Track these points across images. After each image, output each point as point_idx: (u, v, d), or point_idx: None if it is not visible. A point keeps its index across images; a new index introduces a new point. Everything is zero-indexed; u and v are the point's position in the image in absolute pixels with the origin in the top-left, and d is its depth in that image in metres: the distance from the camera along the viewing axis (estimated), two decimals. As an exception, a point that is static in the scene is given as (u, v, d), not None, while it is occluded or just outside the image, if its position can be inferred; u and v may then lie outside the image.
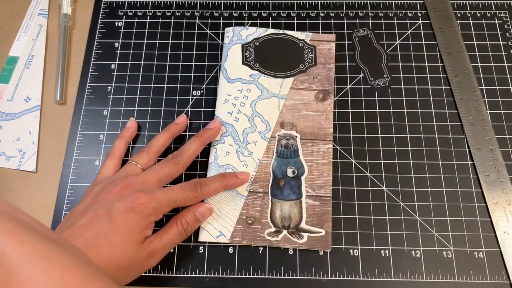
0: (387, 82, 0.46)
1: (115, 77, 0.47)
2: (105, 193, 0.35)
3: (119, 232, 0.33)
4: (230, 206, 0.41)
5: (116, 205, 0.34)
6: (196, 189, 0.37)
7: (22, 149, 0.44)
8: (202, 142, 0.41)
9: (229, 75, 0.46)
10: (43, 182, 0.43)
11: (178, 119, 0.44)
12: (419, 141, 0.44)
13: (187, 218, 0.37)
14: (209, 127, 0.42)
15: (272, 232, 0.40)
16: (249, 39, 0.48)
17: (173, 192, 0.36)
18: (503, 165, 0.42)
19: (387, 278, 0.38)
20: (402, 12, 0.50)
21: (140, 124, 0.45)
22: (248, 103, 0.45)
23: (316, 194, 0.41)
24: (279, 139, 0.43)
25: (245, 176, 0.41)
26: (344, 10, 0.50)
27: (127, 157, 0.43)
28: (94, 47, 0.49)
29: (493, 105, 0.45)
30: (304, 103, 0.45)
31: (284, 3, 0.51)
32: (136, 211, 0.33)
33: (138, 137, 0.45)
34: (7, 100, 0.46)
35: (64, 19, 0.49)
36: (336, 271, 0.39)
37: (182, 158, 0.39)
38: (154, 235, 0.35)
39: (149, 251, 0.34)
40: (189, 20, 0.50)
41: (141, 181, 0.36)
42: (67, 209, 0.42)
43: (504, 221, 0.40)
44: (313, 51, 0.47)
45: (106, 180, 0.38)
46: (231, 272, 0.39)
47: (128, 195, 0.34)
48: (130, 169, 0.38)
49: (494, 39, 0.48)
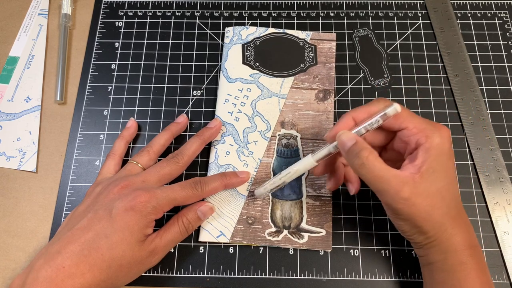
0: (387, 82, 0.46)
1: (115, 77, 0.47)
2: (106, 193, 0.35)
3: (119, 232, 0.33)
4: (231, 206, 0.41)
5: (116, 204, 0.34)
6: (196, 187, 0.37)
7: (22, 149, 0.44)
8: (203, 141, 0.41)
9: (229, 74, 0.46)
10: (43, 182, 0.43)
11: (179, 118, 0.44)
12: (420, 141, 0.44)
13: (188, 216, 0.37)
14: (209, 126, 0.42)
15: (272, 232, 0.40)
16: (249, 39, 0.48)
17: (173, 190, 0.36)
18: (503, 165, 0.42)
19: (388, 278, 0.38)
20: (402, 12, 0.50)
21: (140, 124, 0.45)
22: (249, 103, 0.45)
23: (316, 194, 0.41)
24: (280, 139, 0.43)
25: (246, 175, 0.41)
26: (344, 10, 0.50)
27: (127, 157, 0.43)
28: (94, 47, 0.49)
29: (493, 105, 0.45)
30: (304, 103, 0.45)
31: (284, 3, 0.51)
32: (136, 209, 0.33)
33: (138, 137, 0.45)
34: (7, 100, 0.46)
35: (64, 19, 0.49)
36: (337, 271, 0.39)
37: (183, 157, 0.39)
38: (155, 233, 0.35)
39: (150, 250, 0.34)
40: (189, 20, 0.50)
41: (141, 180, 0.36)
42: (67, 209, 0.42)
43: (504, 221, 0.40)
44: (313, 50, 0.47)
45: (107, 180, 0.38)
46: (231, 272, 0.39)
47: (128, 194, 0.34)
48: (131, 168, 0.39)
49: (494, 39, 0.48)
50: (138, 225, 0.33)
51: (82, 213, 0.35)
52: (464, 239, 0.32)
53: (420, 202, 0.30)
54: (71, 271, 0.31)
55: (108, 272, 0.32)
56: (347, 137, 0.32)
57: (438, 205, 0.31)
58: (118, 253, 0.32)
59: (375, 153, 0.32)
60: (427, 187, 0.31)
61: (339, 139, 0.33)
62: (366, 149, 0.31)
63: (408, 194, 0.30)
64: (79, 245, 0.32)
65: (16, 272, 0.39)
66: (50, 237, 0.41)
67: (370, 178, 0.31)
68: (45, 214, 0.42)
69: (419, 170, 0.31)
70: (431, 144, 0.31)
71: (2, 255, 0.40)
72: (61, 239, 0.33)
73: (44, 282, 0.30)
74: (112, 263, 0.32)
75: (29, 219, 0.42)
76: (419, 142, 0.32)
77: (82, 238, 0.32)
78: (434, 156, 0.31)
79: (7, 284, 0.39)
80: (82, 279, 0.31)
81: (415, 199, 0.30)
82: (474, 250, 0.32)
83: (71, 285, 0.31)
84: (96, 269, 0.32)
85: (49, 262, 0.31)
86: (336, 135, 0.33)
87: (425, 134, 0.32)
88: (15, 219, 0.42)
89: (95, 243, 0.32)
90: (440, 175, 0.31)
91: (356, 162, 0.31)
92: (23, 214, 0.42)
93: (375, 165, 0.31)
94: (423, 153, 0.31)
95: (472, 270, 0.31)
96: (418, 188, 0.30)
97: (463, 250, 0.32)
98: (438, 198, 0.31)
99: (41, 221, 0.41)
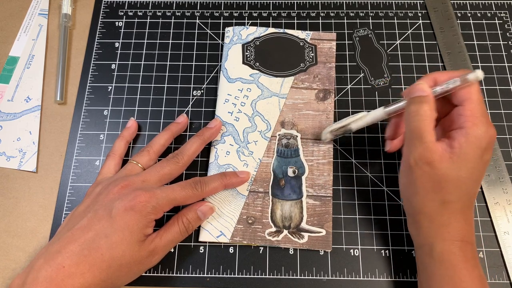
0: (387, 82, 0.46)
1: (115, 77, 0.47)
2: (106, 193, 0.35)
3: (119, 232, 0.33)
4: (231, 206, 0.41)
5: (116, 204, 0.34)
6: (196, 187, 0.37)
7: (22, 149, 0.44)
8: (203, 141, 0.41)
9: (229, 74, 0.46)
10: (44, 182, 0.43)
11: (179, 118, 0.44)
12: (420, 141, 0.44)
13: (188, 216, 0.37)
14: (209, 126, 0.42)
15: (272, 232, 0.40)
16: (249, 39, 0.48)
17: (173, 190, 0.36)
18: (504, 165, 0.42)
19: (388, 278, 0.38)
20: (402, 12, 0.50)
21: (140, 124, 0.45)
22: (249, 103, 0.45)
23: (316, 194, 0.41)
24: (280, 139, 0.43)
25: (246, 175, 0.41)
26: (344, 10, 0.50)
27: (127, 157, 0.43)
28: (95, 47, 0.49)
29: (493, 105, 0.45)
30: (304, 102, 0.45)
31: (285, 3, 0.51)
32: (136, 209, 0.33)
33: (138, 137, 0.45)
34: (7, 100, 0.46)
35: (64, 19, 0.49)
36: (337, 271, 0.39)
37: (183, 157, 0.39)
38: (155, 233, 0.35)
39: (150, 250, 0.34)
40: (189, 20, 0.50)
41: (141, 180, 0.36)
42: (67, 209, 0.42)
43: (504, 221, 0.40)
44: (313, 50, 0.47)
45: (107, 180, 0.38)
46: (231, 272, 0.39)
47: (128, 194, 0.34)
48: (131, 168, 0.39)
49: (494, 39, 0.48)
50: (138, 225, 0.33)
51: (82, 213, 0.35)
52: (458, 232, 0.32)
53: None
54: (71, 270, 0.31)
55: (108, 272, 0.32)
56: (422, 88, 0.33)
57: (450, 190, 0.32)
58: (118, 253, 0.32)
59: (434, 115, 0.33)
60: (449, 169, 0.31)
61: (415, 86, 0.34)
62: (430, 105, 0.33)
63: (432, 160, 0.31)
64: (79, 245, 0.32)
65: (16, 272, 0.39)
66: (50, 237, 0.41)
67: (413, 128, 0.32)
68: (45, 214, 0.42)
69: (452, 150, 0.32)
70: (472, 133, 0.32)
71: (2, 255, 0.40)
72: (61, 239, 0.33)
73: (44, 281, 0.30)
74: (112, 263, 0.32)
75: (29, 219, 0.42)
76: (464, 125, 0.32)
77: (82, 238, 0.32)
78: (470, 144, 0.31)
79: (7, 284, 0.39)
80: (82, 279, 0.31)
81: (435, 167, 0.31)
82: (466, 245, 0.32)
83: (71, 284, 0.31)
84: (96, 269, 0.32)
85: (49, 261, 0.31)
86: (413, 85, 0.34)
87: (474, 122, 0.32)
88: (15, 219, 0.42)
89: (95, 243, 0.32)
90: (466, 165, 0.31)
91: (413, 109, 0.33)
92: (23, 214, 0.42)
93: (426, 120, 0.32)
94: (462, 137, 0.32)
95: (460, 262, 0.32)
96: (442, 163, 0.31)
97: (452, 241, 0.32)
98: (452, 184, 0.32)
99: (41, 221, 0.41)
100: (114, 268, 0.32)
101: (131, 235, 0.33)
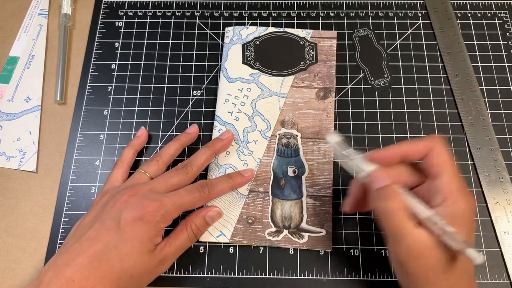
0: (387, 82, 0.46)
1: (115, 77, 0.47)
2: (113, 203, 0.34)
3: (129, 243, 0.32)
4: (231, 206, 0.41)
5: (124, 215, 0.33)
6: (204, 190, 0.37)
7: (22, 149, 0.44)
8: (213, 152, 0.40)
9: (229, 74, 0.46)
10: (43, 182, 0.43)
11: (189, 129, 0.43)
12: (420, 140, 0.44)
13: (196, 222, 0.37)
14: (221, 137, 0.42)
15: (272, 232, 0.40)
16: (249, 39, 0.48)
17: (181, 196, 0.35)
18: (504, 165, 0.42)
19: (388, 278, 0.38)
20: (402, 12, 0.50)
21: (142, 125, 0.45)
22: (249, 102, 0.45)
23: (316, 194, 0.41)
24: (280, 138, 0.43)
25: (250, 173, 0.41)
26: (344, 10, 0.50)
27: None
28: (94, 47, 0.49)
29: (494, 105, 0.45)
30: (305, 101, 0.45)
31: (285, 3, 0.51)
32: (145, 220, 0.33)
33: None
34: (7, 100, 0.46)
35: (64, 19, 0.49)
36: (337, 271, 0.39)
37: (192, 168, 0.38)
38: (164, 241, 0.35)
39: (160, 259, 0.34)
40: (189, 20, 0.50)
41: (148, 188, 0.36)
42: (67, 209, 0.42)
43: (504, 221, 0.40)
44: (314, 48, 0.47)
45: (114, 189, 0.37)
46: (231, 272, 0.39)
47: (136, 203, 0.34)
48: (139, 177, 0.38)
49: (494, 39, 0.48)
50: (148, 235, 0.33)
51: (89, 223, 0.34)
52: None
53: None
54: (81, 284, 0.30)
55: (119, 284, 0.32)
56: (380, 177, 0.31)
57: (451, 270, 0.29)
58: (128, 264, 0.32)
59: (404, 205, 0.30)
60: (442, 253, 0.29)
61: (374, 174, 0.31)
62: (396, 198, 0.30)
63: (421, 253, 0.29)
64: (88, 257, 0.31)
65: (16, 272, 0.39)
66: (50, 237, 0.41)
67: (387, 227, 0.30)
68: (45, 214, 0.42)
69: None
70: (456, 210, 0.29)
71: (2, 255, 0.40)
72: (69, 250, 0.32)
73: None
74: (122, 275, 0.32)
75: (29, 219, 0.42)
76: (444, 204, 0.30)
77: (90, 249, 0.32)
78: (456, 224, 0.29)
79: (7, 284, 0.39)
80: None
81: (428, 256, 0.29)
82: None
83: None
84: (107, 281, 0.31)
85: (58, 275, 0.30)
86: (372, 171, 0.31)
87: (455, 199, 0.29)
88: (15, 219, 0.42)
89: (104, 255, 0.32)
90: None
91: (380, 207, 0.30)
92: (23, 214, 0.42)
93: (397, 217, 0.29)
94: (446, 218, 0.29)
95: None
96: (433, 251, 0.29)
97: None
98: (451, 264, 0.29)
99: (41, 221, 0.41)
100: (124, 280, 0.32)
101: (141, 246, 0.33)
